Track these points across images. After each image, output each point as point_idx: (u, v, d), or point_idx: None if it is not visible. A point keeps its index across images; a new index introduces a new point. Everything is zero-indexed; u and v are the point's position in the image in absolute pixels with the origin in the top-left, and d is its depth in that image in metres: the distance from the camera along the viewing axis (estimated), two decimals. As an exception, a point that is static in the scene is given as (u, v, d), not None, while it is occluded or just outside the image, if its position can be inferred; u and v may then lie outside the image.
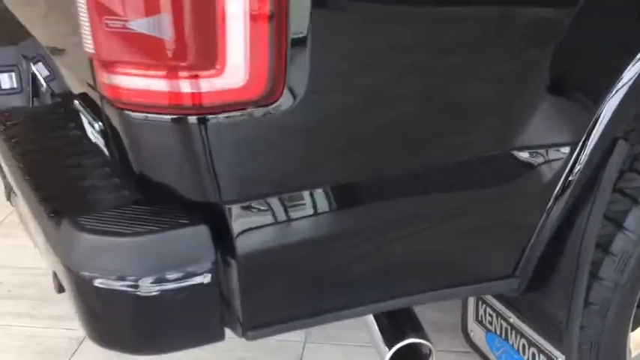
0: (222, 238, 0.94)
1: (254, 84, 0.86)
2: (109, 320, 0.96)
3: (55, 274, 1.05)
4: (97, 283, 0.91)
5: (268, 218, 0.95)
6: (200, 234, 0.93)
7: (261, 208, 0.94)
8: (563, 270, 1.20)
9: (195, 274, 0.92)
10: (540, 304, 1.27)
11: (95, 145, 1.13)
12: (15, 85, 1.80)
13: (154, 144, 0.90)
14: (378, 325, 1.27)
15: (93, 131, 1.07)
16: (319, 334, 1.82)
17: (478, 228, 1.15)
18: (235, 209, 0.93)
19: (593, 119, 1.12)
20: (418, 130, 1.01)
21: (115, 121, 0.93)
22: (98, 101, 1.00)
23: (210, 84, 0.84)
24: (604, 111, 1.12)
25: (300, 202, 0.95)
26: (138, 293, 0.91)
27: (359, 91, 0.93)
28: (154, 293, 0.91)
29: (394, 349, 1.19)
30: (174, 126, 0.87)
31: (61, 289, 1.04)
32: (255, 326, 1.01)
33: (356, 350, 1.76)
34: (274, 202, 0.94)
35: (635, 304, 1.36)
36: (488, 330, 1.50)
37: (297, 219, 0.96)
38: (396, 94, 0.96)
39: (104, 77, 0.87)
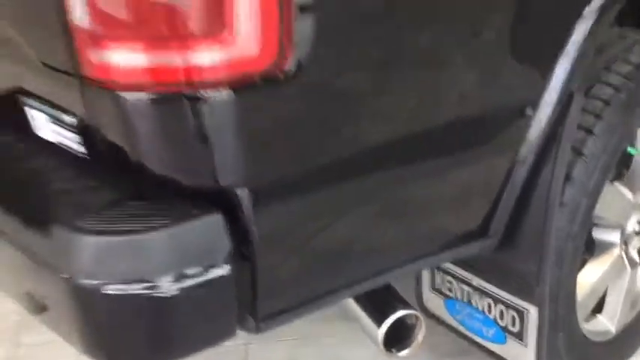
0: (234, 225, 0.87)
1: (265, 54, 0.81)
2: (118, 331, 0.86)
3: (30, 296, 0.92)
4: (108, 289, 0.81)
5: (283, 201, 0.90)
6: (216, 223, 0.85)
7: (277, 190, 0.89)
8: (532, 226, 1.25)
9: (213, 267, 0.85)
10: (509, 261, 1.31)
11: (48, 145, 1.00)
12: None
13: (158, 127, 0.82)
14: (361, 307, 1.26)
15: (55, 127, 0.95)
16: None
17: (453, 192, 1.17)
18: (249, 193, 0.87)
19: (550, 76, 1.19)
20: (406, 93, 1.01)
21: (107, 107, 0.82)
22: (61, 89, 0.90)
23: (228, 51, 0.78)
24: (558, 67, 1.19)
25: (312, 182, 0.92)
26: (156, 295, 0.82)
27: (378, 61, 0.91)
28: (173, 293, 0.83)
29: (387, 323, 1.18)
30: (183, 104, 0.79)
31: (42, 309, 0.92)
32: (268, 316, 0.95)
33: (300, 344, 1.74)
34: (289, 183, 0.90)
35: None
36: (447, 297, 1.54)
37: (310, 200, 0.92)
38: (394, 63, 0.95)
39: (97, 55, 0.77)
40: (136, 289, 0.81)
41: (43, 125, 0.98)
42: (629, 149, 1.49)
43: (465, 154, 1.14)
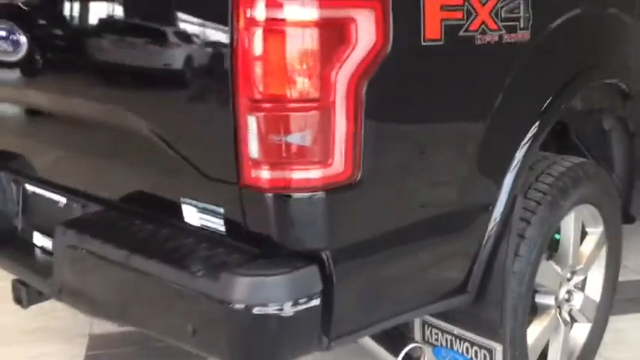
0: (322, 272, 1.43)
1: (345, 171, 1.41)
2: (256, 339, 1.38)
3: (185, 326, 1.44)
4: (253, 310, 1.34)
5: (351, 259, 1.48)
6: (313, 271, 1.42)
7: (348, 252, 1.47)
8: (495, 287, 1.84)
9: (311, 298, 1.40)
10: (480, 311, 1.88)
11: (191, 228, 1.56)
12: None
13: (295, 216, 1.42)
14: (379, 343, 1.80)
15: (203, 216, 1.51)
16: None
17: (446, 260, 1.77)
18: (331, 254, 1.44)
19: (501, 185, 1.82)
20: (419, 194, 1.64)
21: (260, 204, 1.41)
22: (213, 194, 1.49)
23: (326, 172, 1.38)
24: (506, 179, 1.83)
25: (368, 247, 1.51)
26: (282, 314, 1.36)
27: (402, 174, 1.53)
28: (291, 314, 1.37)
29: (402, 354, 1.72)
30: (308, 201, 1.40)
31: (194, 333, 1.43)
32: (337, 337, 1.48)
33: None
34: (355, 247, 1.49)
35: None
36: (434, 346, 2.07)
37: (366, 259, 1.52)
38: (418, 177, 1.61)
39: (262, 173, 1.37)
40: (270, 309, 1.36)
41: (193, 215, 1.53)
42: (556, 235, 2.12)
43: (452, 236, 1.74)
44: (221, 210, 1.49)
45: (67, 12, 1.78)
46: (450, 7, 1.56)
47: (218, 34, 1.40)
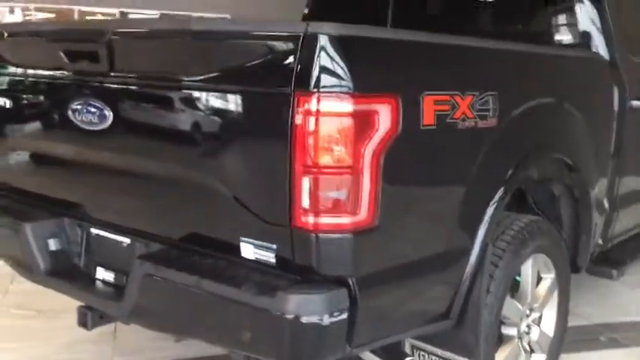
0: (349, 294, 1.93)
1: (367, 219, 1.94)
2: (301, 343, 1.86)
3: (241, 333, 1.91)
4: (300, 319, 1.83)
5: (371, 284, 1.99)
6: (343, 293, 1.92)
7: (370, 279, 1.98)
8: (472, 315, 2.36)
9: (342, 312, 1.89)
10: (459, 334, 2.38)
11: (248, 261, 2.05)
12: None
13: (331, 251, 1.93)
14: (378, 356, 2.28)
15: (255, 250, 2.00)
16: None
17: (439, 291, 2.28)
18: (355, 280, 1.95)
19: (476, 236, 2.35)
20: (419, 239, 2.18)
21: (306, 242, 1.92)
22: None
23: (354, 219, 1.90)
24: (479, 231, 2.37)
25: (384, 275, 2.03)
26: (322, 324, 1.85)
27: (405, 223, 2.06)
28: (327, 324, 1.86)
29: (401, 365, 2.20)
30: (341, 240, 1.91)
31: (248, 337, 1.91)
32: (358, 345, 1.97)
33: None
34: (374, 275, 2.00)
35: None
36: (422, 366, 2.56)
37: (382, 285, 2.05)
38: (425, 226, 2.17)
39: (309, 218, 1.87)
40: (313, 319, 1.85)
41: (249, 250, 2.02)
42: (517, 277, 2.66)
43: (440, 272, 2.26)
44: (274, 246, 1.98)
45: (149, 91, 2.31)
46: (441, 102, 2.14)
47: (281, 118, 1.92)
